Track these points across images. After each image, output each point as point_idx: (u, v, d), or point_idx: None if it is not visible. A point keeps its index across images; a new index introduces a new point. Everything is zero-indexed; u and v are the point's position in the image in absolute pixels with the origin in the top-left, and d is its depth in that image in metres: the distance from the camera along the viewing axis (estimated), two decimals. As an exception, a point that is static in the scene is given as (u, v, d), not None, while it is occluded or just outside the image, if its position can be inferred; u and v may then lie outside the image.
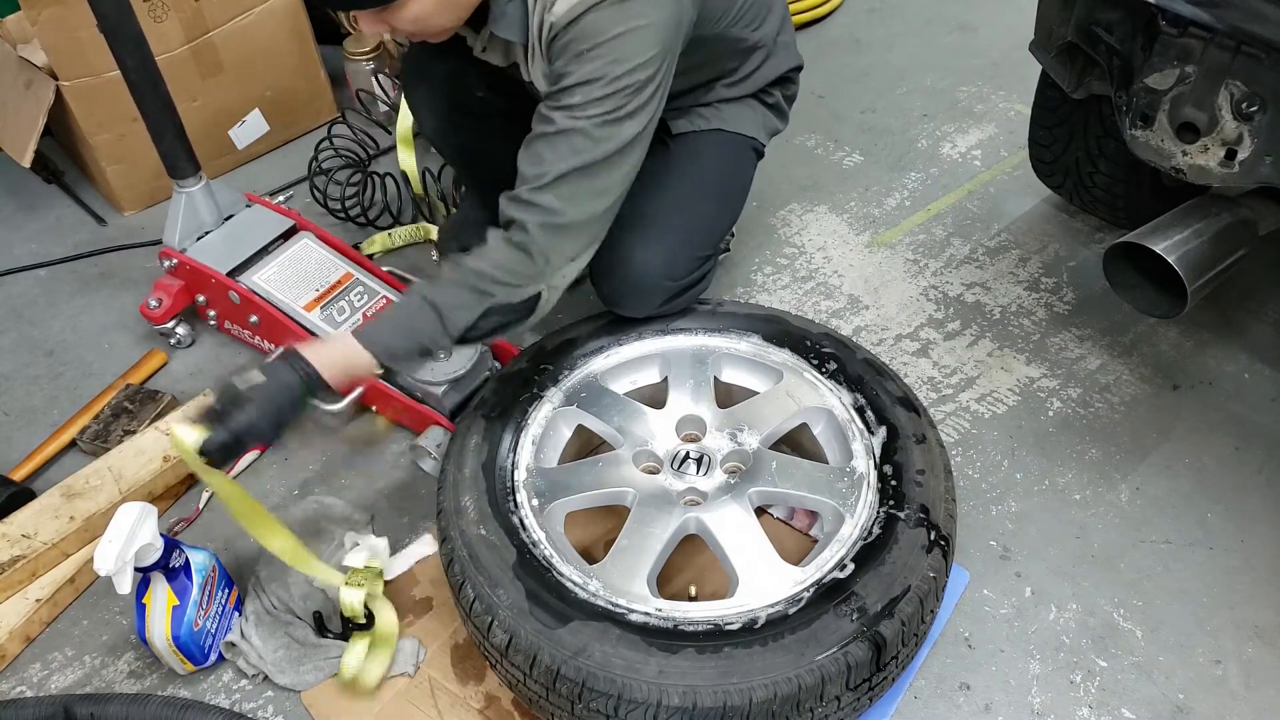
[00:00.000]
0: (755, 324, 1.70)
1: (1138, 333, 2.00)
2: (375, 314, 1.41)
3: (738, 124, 1.76)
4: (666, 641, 1.24)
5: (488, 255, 1.42)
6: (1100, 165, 2.03)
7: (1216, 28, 1.43)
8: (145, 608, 1.41)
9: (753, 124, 1.77)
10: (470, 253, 1.42)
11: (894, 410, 1.53)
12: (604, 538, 1.60)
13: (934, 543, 1.35)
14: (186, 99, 2.32)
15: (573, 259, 1.46)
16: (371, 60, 2.57)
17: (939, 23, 3.03)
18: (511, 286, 1.42)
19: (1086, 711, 1.44)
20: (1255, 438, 1.79)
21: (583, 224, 1.43)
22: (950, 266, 2.18)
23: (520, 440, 1.54)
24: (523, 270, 1.41)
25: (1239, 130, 1.48)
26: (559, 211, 1.39)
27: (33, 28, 2.11)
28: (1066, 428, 1.83)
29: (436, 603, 1.58)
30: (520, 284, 1.42)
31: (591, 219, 1.44)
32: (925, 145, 2.54)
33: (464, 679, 1.48)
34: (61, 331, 2.13)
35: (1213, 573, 1.60)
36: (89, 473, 1.70)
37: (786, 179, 2.38)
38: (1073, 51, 1.73)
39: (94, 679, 1.53)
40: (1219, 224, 1.77)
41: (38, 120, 2.24)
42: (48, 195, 2.51)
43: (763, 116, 1.80)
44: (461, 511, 1.40)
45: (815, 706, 1.22)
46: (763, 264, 2.20)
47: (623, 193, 1.46)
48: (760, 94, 1.78)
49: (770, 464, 1.50)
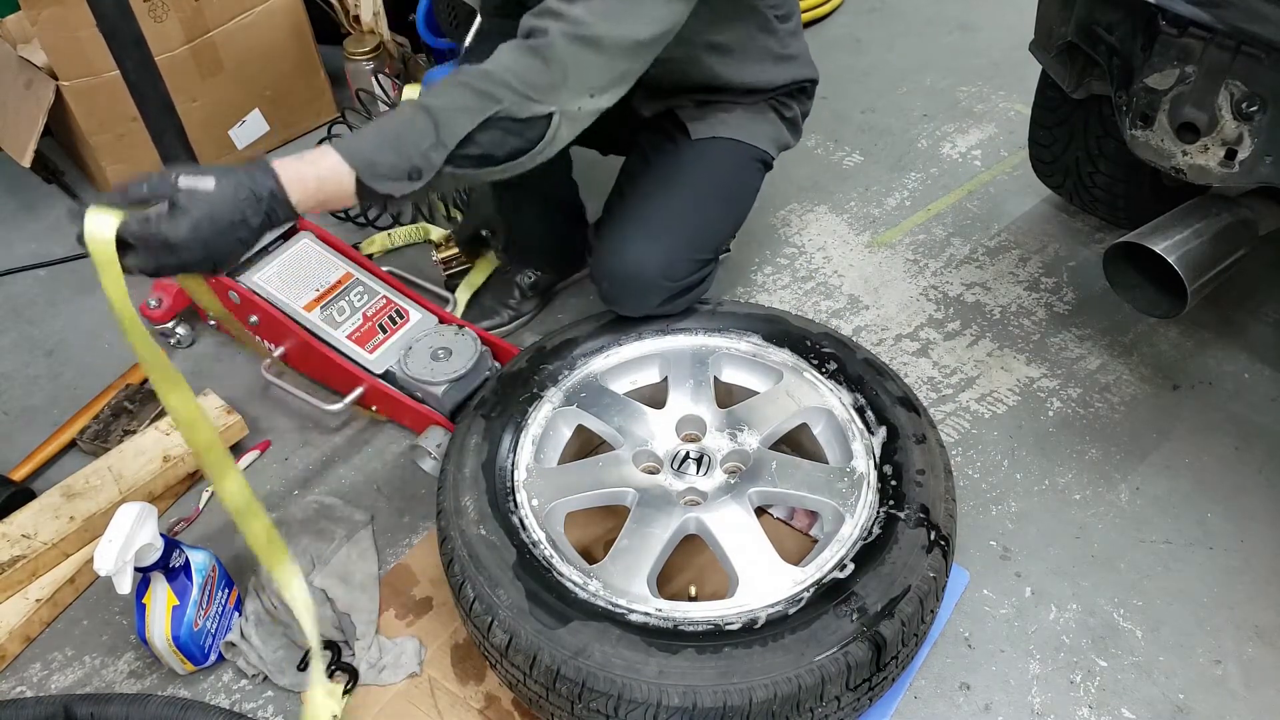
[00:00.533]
0: (755, 324, 1.70)
1: (1138, 333, 2.00)
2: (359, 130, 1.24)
3: (751, 134, 1.76)
4: (666, 642, 1.24)
5: (497, 58, 1.24)
6: (1100, 165, 2.03)
7: (1216, 28, 1.43)
8: (145, 608, 1.42)
9: (766, 136, 1.78)
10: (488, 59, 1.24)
11: (894, 410, 1.53)
12: (604, 538, 1.60)
13: (934, 543, 1.35)
14: (186, 99, 2.32)
15: (594, 91, 1.28)
16: (371, 60, 2.57)
17: (939, 23, 3.03)
18: (520, 96, 1.22)
19: (1086, 711, 1.44)
20: (1255, 438, 1.79)
21: (614, 47, 1.25)
22: (950, 266, 2.18)
23: (520, 440, 1.54)
24: (536, 79, 1.23)
25: (1239, 130, 1.48)
26: (589, 24, 1.23)
27: (33, 28, 2.11)
28: (1066, 428, 1.83)
29: (436, 603, 1.58)
30: (531, 95, 1.23)
31: (625, 46, 1.27)
32: (925, 145, 2.54)
33: (464, 679, 1.48)
34: (61, 331, 2.13)
35: (1213, 573, 1.60)
36: (89, 473, 1.70)
37: (786, 179, 2.38)
38: (1073, 51, 1.73)
39: (94, 679, 1.53)
40: (1219, 224, 1.77)
41: (38, 120, 2.24)
42: (48, 195, 2.51)
43: (776, 129, 1.80)
44: (461, 511, 1.40)
45: (815, 706, 1.22)
46: (763, 264, 2.20)
47: (664, 33, 1.30)
48: (778, 105, 1.78)
49: (770, 464, 1.50)
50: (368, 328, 1.91)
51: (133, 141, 2.30)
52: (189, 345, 2.04)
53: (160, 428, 1.77)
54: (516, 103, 1.22)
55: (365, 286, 1.97)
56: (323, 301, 1.93)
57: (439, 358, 1.83)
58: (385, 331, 1.91)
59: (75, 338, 2.11)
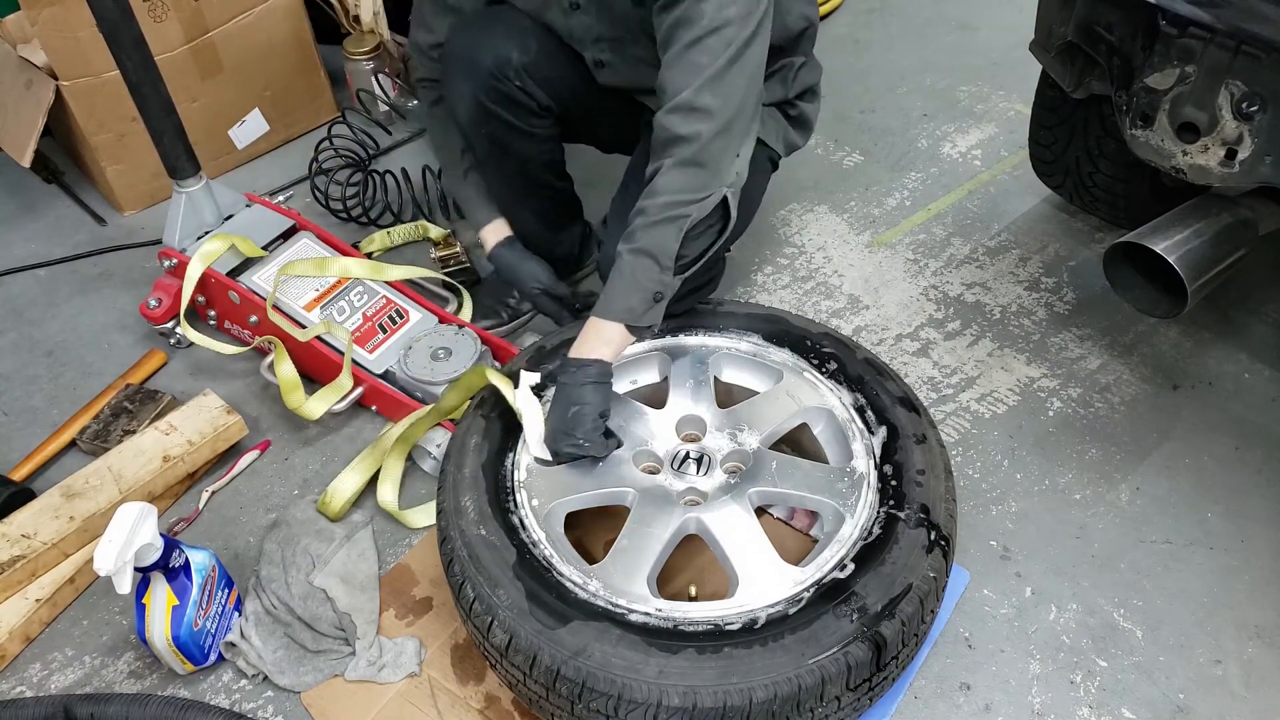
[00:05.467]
0: (755, 324, 1.70)
1: (1138, 333, 2.00)
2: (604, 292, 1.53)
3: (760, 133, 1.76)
4: (666, 642, 1.24)
5: (662, 187, 1.46)
6: (1100, 165, 2.03)
7: (1217, 27, 1.43)
8: (145, 608, 1.41)
9: (773, 135, 1.78)
10: (645, 194, 1.47)
11: (894, 410, 1.53)
12: (604, 538, 1.60)
13: (934, 543, 1.35)
14: (186, 99, 2.32)
15: (738, 155, 1.49)
16: (371, 60, 2.57)
17: (939, 23, 3.03)
18: (697, 202, 1.46)
19: (1086, 711, 1.44)
20: (1255, 438, 1.79)
21: (742, 114, 1.47)
22: (950, 266, 2.18)
23: (520, 440, 1.53)
24: (699, 184, 1.46)
25: (1239, 130, 1.48)
26: (720, 111, 1.43)
27: (33, 28, 2.11)
28: (1066, 428, 1.83)
29: (436, 603, 1.58)
30: (702, 196, 1.47)
31: (748, 106, 1.48)
32: (925, 145, 2.54)
33: (464, 679, 1.48)
34: (61, 331, 2.13)
35: (1213, 573, 1.60)
36: (89, 473, 1.70)
37: (787, 179, 2.38)
38: (1073, 51, 1.73)
39: (94, 679, 1.53)
40: (1219, 224, 1.77)
41: (38, 120, 2.24)
42: (48, 195, 2.51)
43: (784, 129, 1.81)
44: (461, 511, 1.40)
45: (815, 707, 1.22)
46: (763, 264, 2.20)
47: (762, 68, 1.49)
48: (785, 105, 1.79)
49: (770, 464, 1.50)
50: (368, 327, 1.91)
51: (133, 141, 2.30)
52: (189, 345, 2.04)
53: (160, 428, 1.77)
54: (699, 208, 1.47)
55: (365, 286, 1.97)
56: (323, 301, 1.93)
57: (439, 358, 1.84)
58: (385, 331, 1.91)
59: (75, 338, 2.11)
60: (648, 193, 1.47)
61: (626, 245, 1.48)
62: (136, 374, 1.98)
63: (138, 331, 2.10)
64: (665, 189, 1.45)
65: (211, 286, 1.96)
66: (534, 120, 1.74)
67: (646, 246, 1.46)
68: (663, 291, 1.50)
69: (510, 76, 1.67)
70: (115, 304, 2.18)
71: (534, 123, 1.74)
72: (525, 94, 1.69)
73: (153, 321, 2.01)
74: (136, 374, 1.98)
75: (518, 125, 1.72)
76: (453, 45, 1.71)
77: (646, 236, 1.47)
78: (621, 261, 1.49)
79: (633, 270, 1.48)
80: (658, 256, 1.46)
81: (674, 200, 1.45)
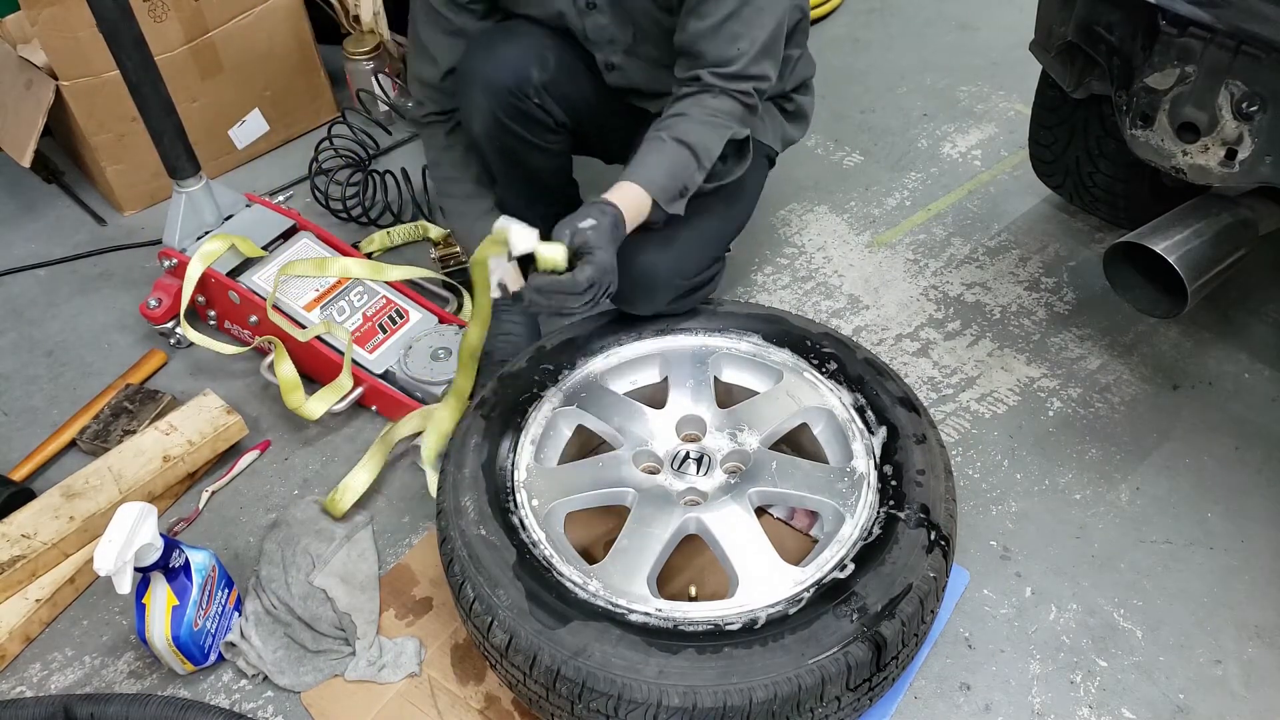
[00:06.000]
0: (755, 324, 1.70)
1: (1138, 333, 2.00)
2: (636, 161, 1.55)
3: (758, 131, 1.77)
4: (666, 642, 1.24)
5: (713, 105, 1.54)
6: (1100, 165, 2.03)
7: (1217, 27, 1.43)
8: (145, 608, 1.41)
9: (771, 132, 1.79)
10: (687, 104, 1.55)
11: (894, 410, 1.53)
12: (604, 538, 1.60)
13: (934, 543, 1.35)
14: (186, 99, 2.32)
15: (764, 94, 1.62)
16: (371, 60, 2.57)
17: (939, 23, 3.03)
18: (738, 127, 1.58)
19: (1086, 711, 1.44)
20: (1255, 438, 1.79)
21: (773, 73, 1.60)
22: (950, 266, 2.18)
23: (520, 440, 1.54)
24: (740, 120, 1.58)
25: (1239, 130, 1.48)
26: (770, 77, 1.58)
27: (33, 28, 2.11)
28: (1066, 428, 1.83)
29: (436, 603, 1.58)
30: (743, 127, 1.60)
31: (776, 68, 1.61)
32: (925, 145, 2.54)
33: (464, 679, 1.48)
34: (61, 331, 2.13)
35: (1213, 573, 1.60)
36: (89, 473, 1.70)
37: (787, 179, 2.38)
38: (1073, 51, 1.73)
39: (94, 679, 1.53)
40: (1219, 224, 1.77)
41: (38, 120, 2.24)
42: (48, 195, 2.51)
43: (781, 125, 1.81)
44: (461, 511, 1.40)
45: (815, 707, 1.22)
46: (763, 264, 2.20)
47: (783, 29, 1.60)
48: (781, 100, 1.79)
49: (770, 464, 1.50)
50: (368, 327, 1.91)
51: (133, 141, 2.30)
52: (189, 345, 2.04)
53: (160, 428, 1.77)
54: (737, 130, 1.57)
55: (365, 286, 1.97)
56: (323, 301, 1.93)
57: (439, 358, 1.84)
58: (385, 331, 1.91)
59: (75, 338, 2.11)
60: (692, 103, 1.54)
61: (668, 133, 1.52)
62: (136, 374, 1.98)
63: (138, 331, 2.10)
64: (715, 107, 1.54)
65: (211, 286, 1.96)
66: (550, 136, 1.74)
67: (690, 140, 1.52)
68: (689, 187, 1.54)
69: (530, 95, 1.66)
70: (115, 304, 2.18)
71: (549, 139, 1.74)
72: (544, 111, 1.69)
73: (153, 321, 2.01)
74: (136, 374, 1.98)
75: (533, 141, 1.72)
76: (471, 62, 1.69)
77: (692, 132, 1.52)
78: (663, 144, 1.52)
79: (674, 155, 1.52)
80: (698, 152, 1.52)
81: (725, 111, 1.54)
